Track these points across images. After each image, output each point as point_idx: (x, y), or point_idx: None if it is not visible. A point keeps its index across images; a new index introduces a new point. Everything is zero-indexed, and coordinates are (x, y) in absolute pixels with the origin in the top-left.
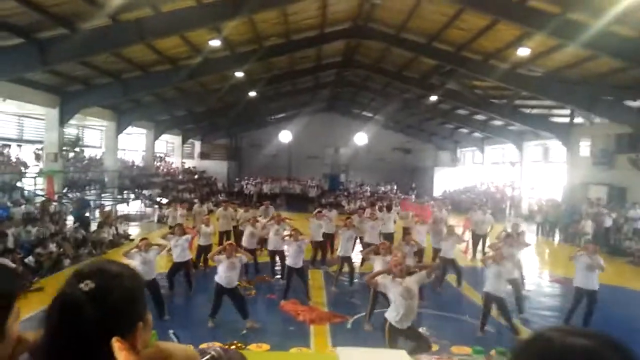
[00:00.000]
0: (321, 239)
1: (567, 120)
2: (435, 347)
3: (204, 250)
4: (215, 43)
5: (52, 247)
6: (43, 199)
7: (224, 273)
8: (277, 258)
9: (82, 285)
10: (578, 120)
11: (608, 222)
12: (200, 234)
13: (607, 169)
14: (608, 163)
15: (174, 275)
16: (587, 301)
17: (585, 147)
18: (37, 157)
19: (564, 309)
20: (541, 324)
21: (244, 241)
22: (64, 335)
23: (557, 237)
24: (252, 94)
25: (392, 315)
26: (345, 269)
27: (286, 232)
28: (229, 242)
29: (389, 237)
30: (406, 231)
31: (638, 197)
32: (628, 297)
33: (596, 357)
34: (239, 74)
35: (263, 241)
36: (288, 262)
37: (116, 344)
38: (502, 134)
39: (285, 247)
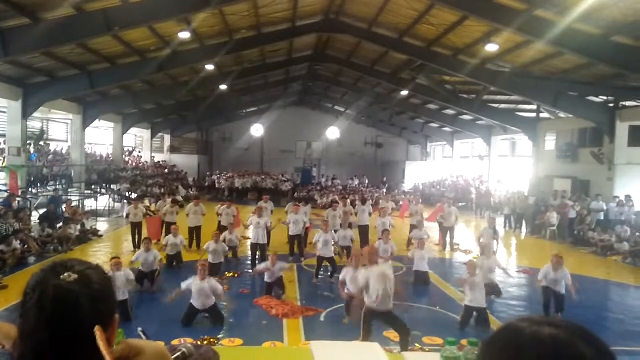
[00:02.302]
0: (300, 232)
1: (533, 115)
2: None
3: (173, 258)
4: (185, 35)
5: (16, 244)
6: (6, 194)
7: (196, 295)
8: (258, 251)
9: (64, 277)
10: (544, 115)
11: (572, 214)
12: (167, 245)
13: (571, 163)
14: (572, 157)
15: (142, 282)
16: (554, 302)
17: (550, 142)
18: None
19: (531, 299)
20: (509, 314)
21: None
22: (61, 327)
23: (524, 229)
24: (223, 87)
25: (369, 299)
26: (326, 264)
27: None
28: (202, 262)
29: (364, 229)
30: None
31: (600, 189)
32: (592, 285)
33: (565, 345)
34: (210, 67)
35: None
36: (266, 278)
37: (97, 333)
38: (471, 129)
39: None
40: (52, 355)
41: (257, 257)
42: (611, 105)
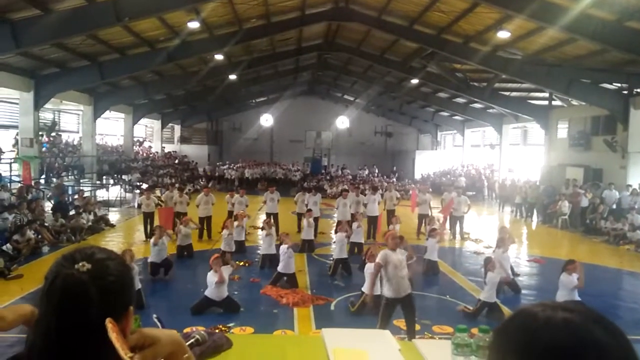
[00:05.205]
0: (312, 237)
1: (545, 103)
2: (417, 327)
3: (184, 248)
4: (194, 25)
5: (30, 234)
6: (20, 185)
7: (212, 287)
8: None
9: (78, 266)
10: (556, 103)
11: (584, 203)
12: (178, 235)
13: (583, 151)
14: (585, 145)
15: (156, 274)
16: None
17: (562, 130)
18: (16, 143)
19: (541, 288)
20: (520, 302)
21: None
22: (68, 316)
23: (535, 218)
24: (233, 77)
25: (386, 289)
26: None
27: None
28: (215, 255)
29: (373, 220)
30: (391, 214)
31: (613, 178)
32: (604, 274)
33: (578, 329)
34: (219, 57)
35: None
36: (279, 267)
37: (109, 325)
38: (482, 117)
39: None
40: (60, 343)
41: (266, 265)
42: (625, 92)
